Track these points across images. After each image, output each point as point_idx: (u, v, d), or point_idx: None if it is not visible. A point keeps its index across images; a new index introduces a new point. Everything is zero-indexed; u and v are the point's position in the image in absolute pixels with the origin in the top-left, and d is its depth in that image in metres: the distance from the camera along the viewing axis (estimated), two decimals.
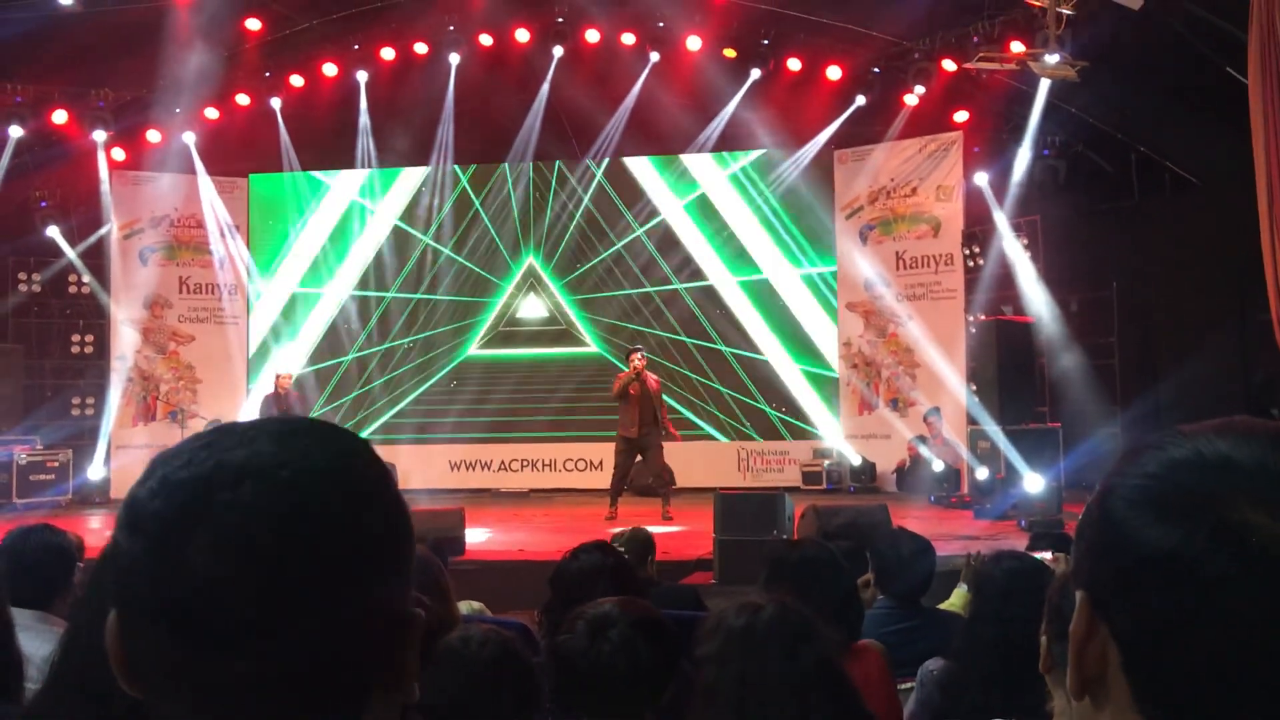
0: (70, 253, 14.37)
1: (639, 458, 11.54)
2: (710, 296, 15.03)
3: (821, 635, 1.97)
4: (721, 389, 14.91)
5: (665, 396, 12.27)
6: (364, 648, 0.81)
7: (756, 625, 1.91)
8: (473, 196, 15.51)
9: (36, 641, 2.74)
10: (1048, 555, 4.07)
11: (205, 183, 15.02)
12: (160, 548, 0.78)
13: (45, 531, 3.14)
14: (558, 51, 14.17)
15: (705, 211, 15.06)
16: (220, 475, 0.79)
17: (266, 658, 0.77)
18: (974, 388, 12.68)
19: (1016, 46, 11.52)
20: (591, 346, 15.22)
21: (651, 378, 11.56)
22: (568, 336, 15.31)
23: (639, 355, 11.48)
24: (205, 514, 0.78)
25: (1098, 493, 0.82)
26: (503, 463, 15.10)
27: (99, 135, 13.95)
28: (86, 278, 14.55)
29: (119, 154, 14.50)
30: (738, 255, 14.95)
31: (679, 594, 4.89)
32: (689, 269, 15.06)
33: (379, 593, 0.82)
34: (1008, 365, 11.43)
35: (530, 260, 15.45)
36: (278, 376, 12.31)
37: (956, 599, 4.93)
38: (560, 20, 14.05)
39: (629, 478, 11.88)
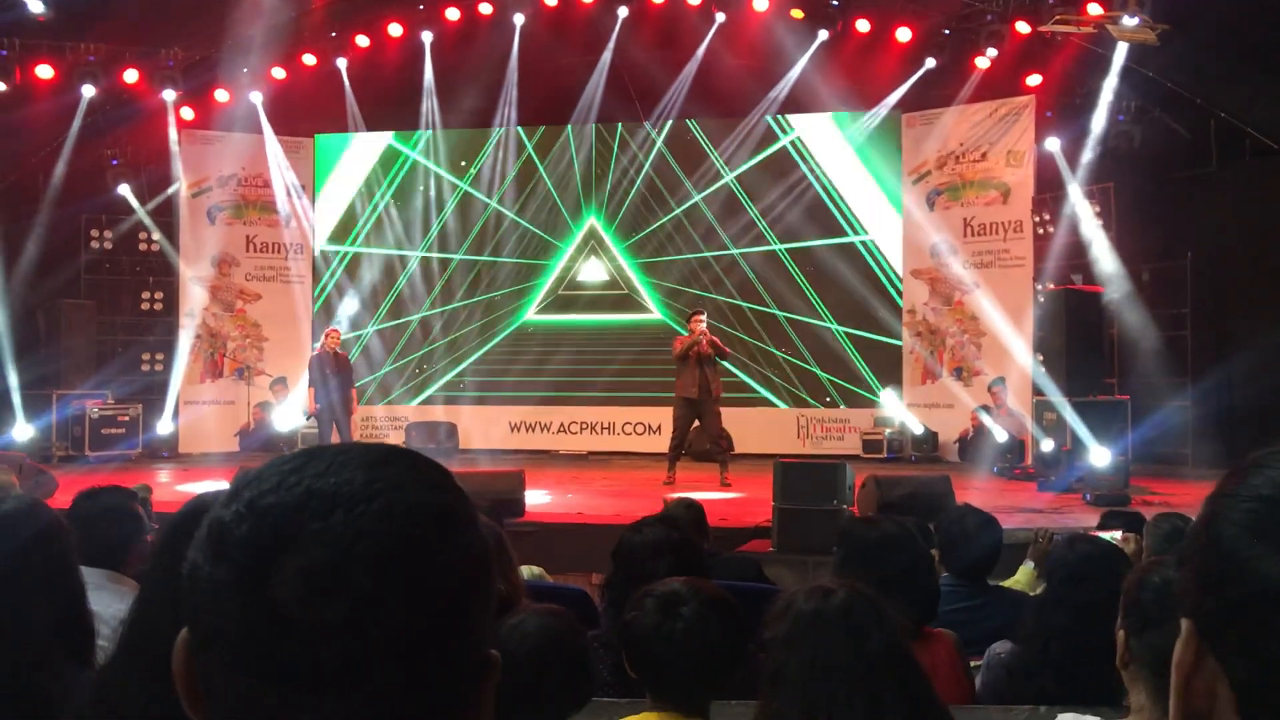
0: (140, 211, 14.60)
1: (697, 422, 11.48)
2: (772, 262, 14.90)
3: (892, 621, 1.94)
4: (781, 355, 14.81)
5: (725, 361, 12.19)
6: (449, 690, 0.78)
7: (827, 610, 1.88)
8: (536, 159, 15.50)
9: (107, 598, 2.79)
10: (1117, 535, 3.98)
11: (272, 142, 15.17)
12: (246, 577, 0.74)
13: (114, 493, 3.18)
14: (622, 12, 14.06)
15: (769, 175, 14.89)
16: (312, 503, 0.76)
17: (351, 699, 0.74)
18: (1040, 358, 12.46)
19: (1094, 9, 11.20)
20: (652, 312, 15.17)
21: (704, 337, 11.21)
22: (627, 302, 15.27)
23: (701, 317, 11.36)
24: (295, 544, 0.74)
25: (1204, 515, 0.77)
26: (562, 425, 15.17)
27: (168, 95, 14.12)
28: (156, 235, 14.79)
29: (188, 113, 14.67)
30: (802, 220, 14.77)
31: (741, 564, 4.87)
32: (751, 234, 14.94)
33: (466, 634, 0.79)
34: (1076, 335, 11.23)
35: (592, 222, 15.42)
36: (327, 334, 12.44)
37: (1022, 576, 4.87)
38: None
39: (688, 442, 11.82)
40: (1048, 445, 11.30)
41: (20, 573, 2.13)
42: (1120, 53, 11.93)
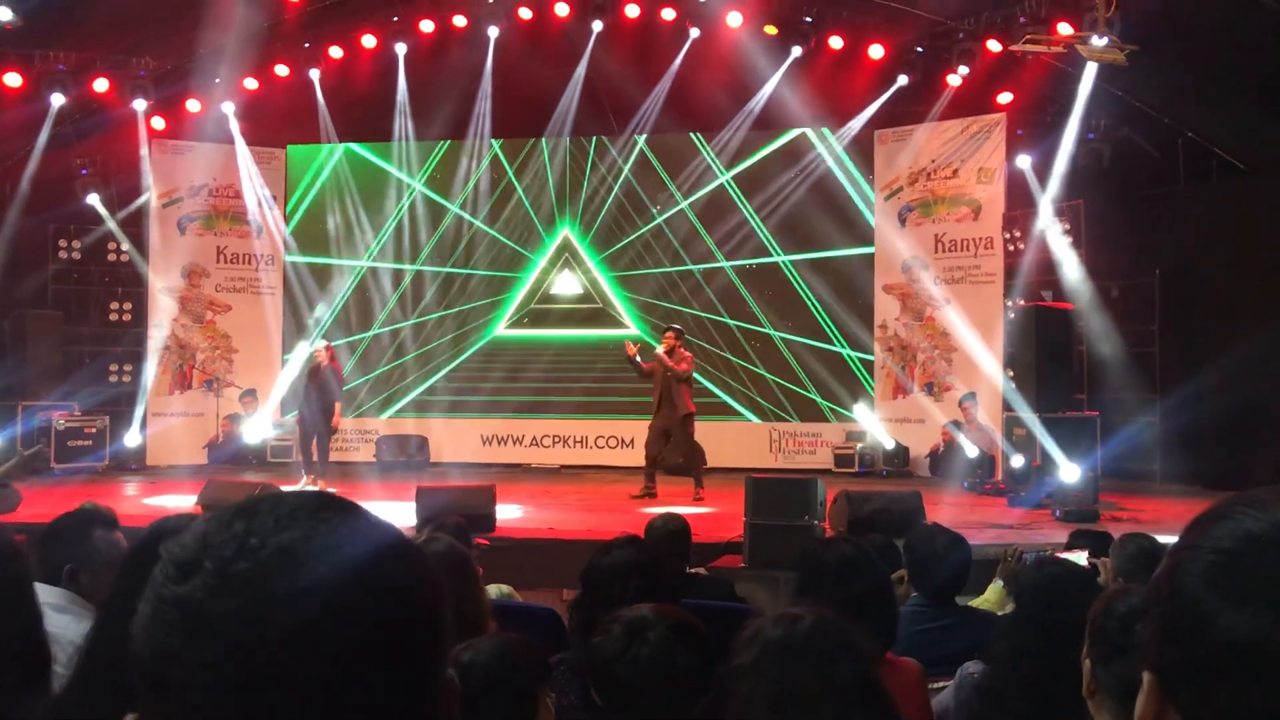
0: (110, 221, 14.48)
1: (668, 438, 11.51)
2: (745, 276, 14.95)
3: (860, 647, 1.93)
4: (755, 369, 14.85)
5: (697, 375, 12.23)
6: (414, 715, 0.81)
7: (794, 636, 1.87)
8: (509, 171, 15.48)
9: (67, 621, 2.74)
10: (1083, 556, 3.99)
11: (243, 153, 15.09)
12: (238, 650, 0.74)
13: (81, 513, 3.14)
14: (597, 26, 14.08)
15: (741, 191, 14.95)
16: (283, 562, 0.76)
17: None
18: (1011, 374, 12.53)
19: (1064, 28, 11.31)
20: (627, 325, 15.16)
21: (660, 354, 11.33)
22: (601, 316, 15.24)
23: (671, 335, 11.41)
24: (278, 606, 0.75)
25: (1165, 566, 0.76)
26: (535, 439, 15.13)
27: (139, 104, 14.02)
28: (125, 246, 14.65)
29: (159, 123, 14.57)
30: (774, 235, 14.83)
31: (712, 584, 4.86)
32: (725, 248, 14.98)
33: (436, 663, 0.83)
34: (1046, 351, 11.29)
35: (566, 234, 15.41)
36: (319, 349, 12.29)
37: (991, 595, 4.88)
38: None
39: (662, 457, 11.84)
40: (1018, 461, 11.37)
41: None
42: (1090, 72, 12.04)
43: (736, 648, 1.92)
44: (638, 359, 11.33)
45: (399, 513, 9.19)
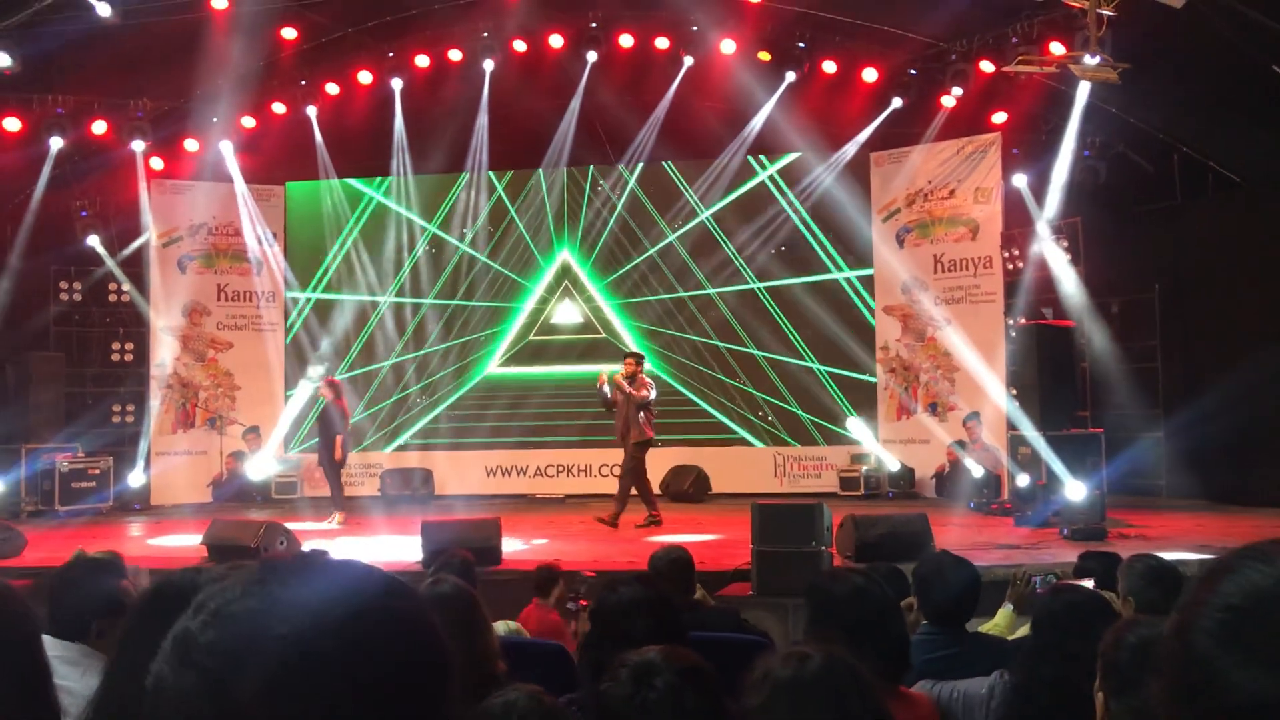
0: (110, 261, 14.51)
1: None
2: (746, 301, 14.97)
3: (869, 685, 1.92)
4: (758, 394, 14.84)
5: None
6: None
7: (804, 676, 1.86)
8: (507, 203, 15.54)
9: (78, 673, 2.74)
10: (1089, 585, 3.98)
11: (242, 191, 15.15)
12: (211, 682, 0.77)
13: (89, 564, 3.14)
14: (591, 57, 14.15)
15: (740, 216, 14.99)
16: (276, 609, 0.79)
17: None
18: (1014, 392, 12.52)
19: (1056, 48, 11.36)
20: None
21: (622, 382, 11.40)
22: (601, 349, 15.15)
23: (631, 360, 11.48)
24: (259, 647, 0.77)
25: (1174, 624, 0.75)
26: (539, 469, 15.11)
27: (138, 145, 14.08)
28: (126, 286, 14.69)
29: (157, 163, 14.64)
30: (773, 259, 14.86)
31: (719, 616, 4.83)
32: (724, 274, 15.01)
33: (430, 716, 0.84)
34: (1048, 370, 11.29)
35: (565, 258, 15.43)
36: (326, 383, 12.34)
37: (1001, 619, 4.85)
38: (594, 25, 14.02)
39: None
40: (1023, 480, 11.34)
41: None
42: (1083, 90, 12.09)
43: (747, 688, 1.91)
44: (605, 389, 11.39)
45: (404, 547, 9.18)
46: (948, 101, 13.51)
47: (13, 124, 13.27)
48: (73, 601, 2.96)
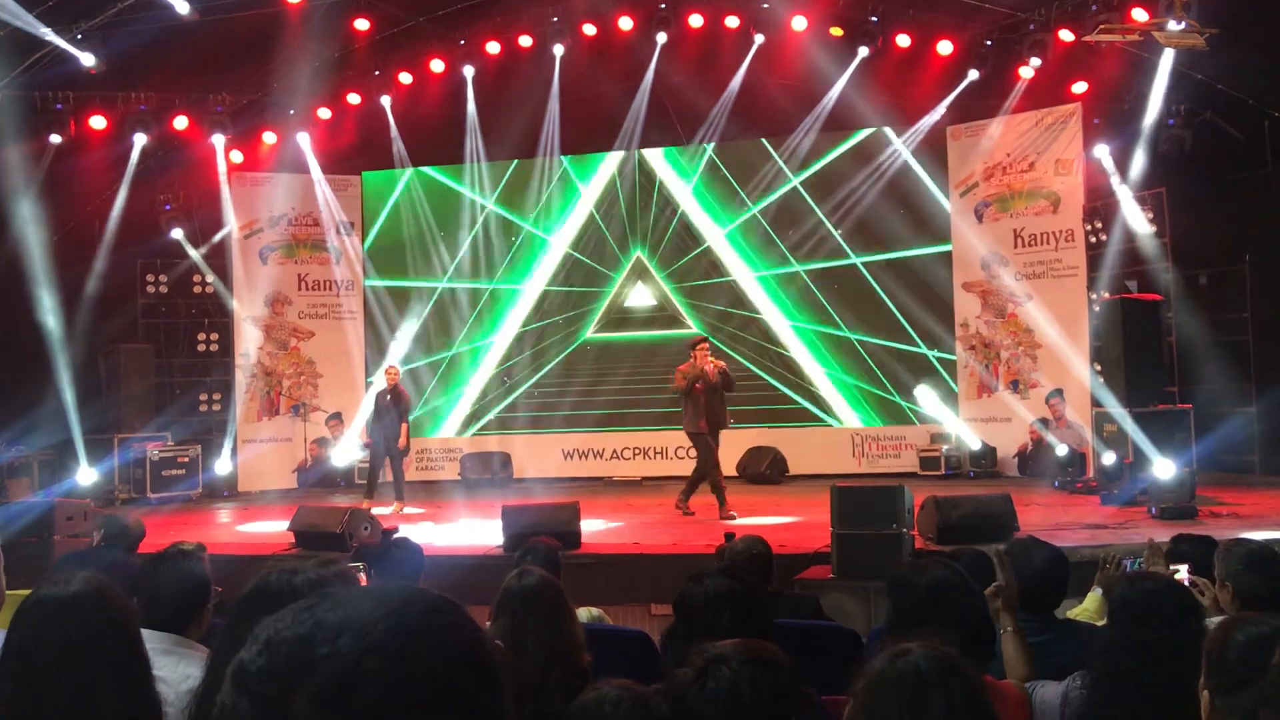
0: (194, 254, 14.83)
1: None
2: (821, 279, 14.83)
3: (980, 685, 1.89)
4: (834, 373, 14.72)
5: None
6: None
7: (907, 672, 1.84)
8: (580, 187, 15.57)
9: (173, 662, 2.81)
10: (1183, 571, 3.87)
11: (320, 181, 15.37)
12: (265, 705, 0.82)
13: (179, 556, 3.20)
14: (661, 38, 14.10)
15: (816, 193, 14.84)
16: (319, 633, 0.84)
17: None
18: (1099, 368, 12.27)
19: (1139, 14, 11.03)
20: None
21: (711, 368, 10.67)
22: (678, 322, 15.23)
23: (705, 348, 10.78)
24: (307, 669, 0.82)
25: None
26: (615, 451, 15.17)
27: (218, 139, 14.37)
28: (210, 277, 15.00)
29: (237, 156, 14.91)
30: (849, 237, 14.70)
31: (798, 602, 4.81)
32: (800, 252, 14.88)
33: None
34: (1134, 344, 11.03)
35: (637, 255, 15.44)
36: (387, 371, 12.52)
37: (1090, 604, 4.76)
38: (663, 6, 13.97)
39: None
40: (1109, 458, 11.10)
41: (89, 655, 2.15)
42: (1168, 57, 11.75)
43: (852, 690, 1.90)
44: (693, 380, 10.62)
45: (486, 531, 9.29)
46: (1026, 72, 13.22)
47: (98, 122, 13.62)
48: (166, 592, 3.04)
